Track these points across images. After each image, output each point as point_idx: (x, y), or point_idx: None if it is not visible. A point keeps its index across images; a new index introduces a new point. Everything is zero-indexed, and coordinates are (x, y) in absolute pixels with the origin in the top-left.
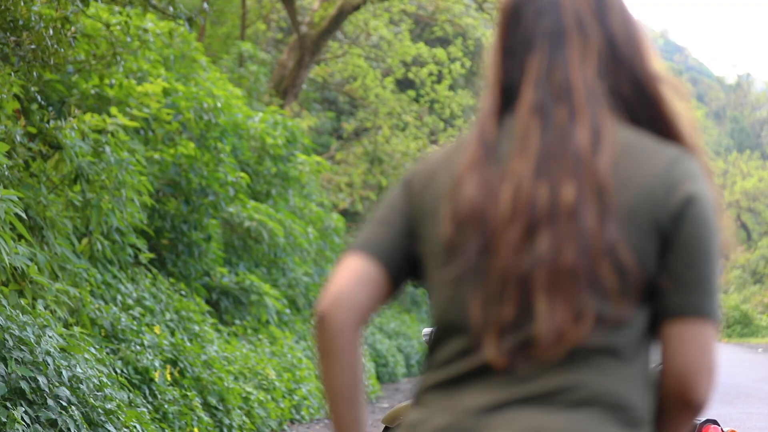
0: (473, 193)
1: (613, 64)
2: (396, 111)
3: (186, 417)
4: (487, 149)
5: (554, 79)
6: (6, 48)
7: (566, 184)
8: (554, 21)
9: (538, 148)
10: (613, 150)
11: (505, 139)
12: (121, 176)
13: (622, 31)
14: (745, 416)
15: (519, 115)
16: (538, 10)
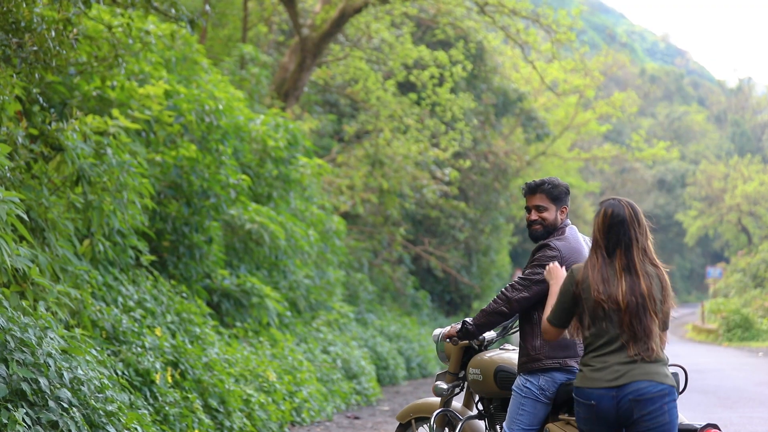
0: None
1: (646, 250)
2: (397, 114)
3: (187, 419)
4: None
5: (630, 259)
6: (8, 50)
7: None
8: (626, 234)
9: (629, 283)
10: (647, 282)
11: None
12: (123, 178)
13: (646, 229)
14: (746, 420)
15: (617, 266)
16: (621, 223)
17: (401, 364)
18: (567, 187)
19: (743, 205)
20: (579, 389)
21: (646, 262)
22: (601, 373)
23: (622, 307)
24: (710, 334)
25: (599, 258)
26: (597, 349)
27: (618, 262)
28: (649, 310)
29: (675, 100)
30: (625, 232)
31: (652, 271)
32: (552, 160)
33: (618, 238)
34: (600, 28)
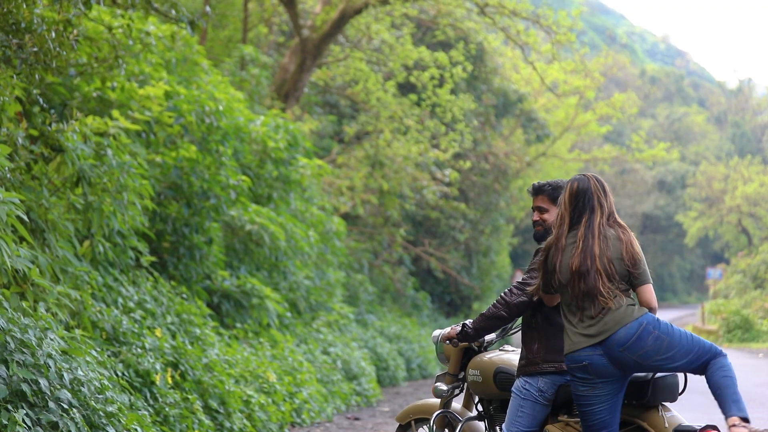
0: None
1: (610, 215)
2: (397, 115)
3: (187, 420)
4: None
5: (592, 226)
6: (8, 51)
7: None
8: (590, 201)
9: (582, 247)
10: (602, 245)
11: (570, 240)
12: (123, 179)
13: (611, 198)
14: None
15: (579, 235)
16: (584, 193)
17: (401, 365)
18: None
19: (743, 207)
20: (569, 356)
21: (611, 225)
22: (581, 337)
23: (573, 272)
24: (710, 335)
25: (561, 232)
26: (571, 315)
27: (581, 230)
28: (598, 269)
29: (675, 101)
30: (589, 199)
31: (612, 234)
32: (552, 161)
33: (583, 206)
34: (600, 29)
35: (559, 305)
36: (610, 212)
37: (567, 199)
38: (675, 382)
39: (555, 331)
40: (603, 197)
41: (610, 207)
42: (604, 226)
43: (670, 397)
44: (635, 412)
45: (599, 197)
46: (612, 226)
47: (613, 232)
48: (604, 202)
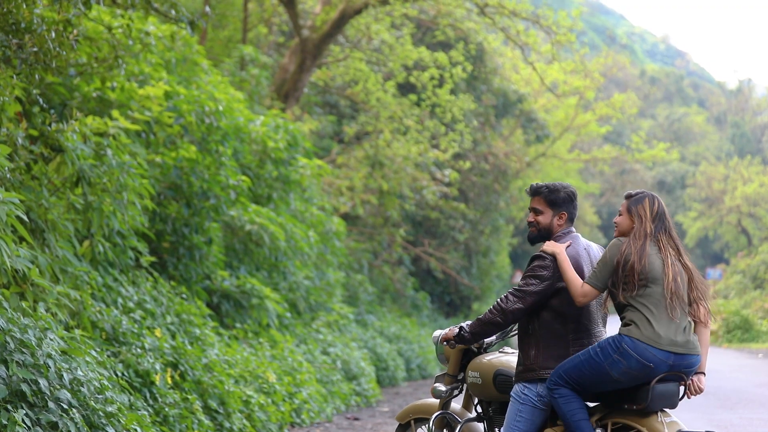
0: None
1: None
2: (397, 115)
3: (186, 420)
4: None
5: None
6: (8, 51)
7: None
8: (665, 220)
9: (670, 261)
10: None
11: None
12: (123, 179)
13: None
14: (746, 422)
15: (661, 249)
16: (664, 214)
17: (401, 366)
18: (569, 194)
19: (743, 207)
20: (638, 343)
21: (681, 254)
22: (668, 340)
23: (667, 273)
24: (710, 336)
25: (642, 240)
26: (647, 306)
27: (661, 243)
28: (683, 283)
29: (675, 101)
30: (664, 220)
31: (687, 263)
32: (552, 161)
33: (660, 224)
34: (600, 30)
35: (562, 312)
36: (678, 241)
37: (648, 213)
38: (675, 389)
39: (552, 338)
40: (670, 223)
41: (671, 229)
42: (675, 250)
43: (670, 403)
44: (635, 417)
45: (669, 221)
46: (684, 256)
47: (686, 261)
48: (672, 227)
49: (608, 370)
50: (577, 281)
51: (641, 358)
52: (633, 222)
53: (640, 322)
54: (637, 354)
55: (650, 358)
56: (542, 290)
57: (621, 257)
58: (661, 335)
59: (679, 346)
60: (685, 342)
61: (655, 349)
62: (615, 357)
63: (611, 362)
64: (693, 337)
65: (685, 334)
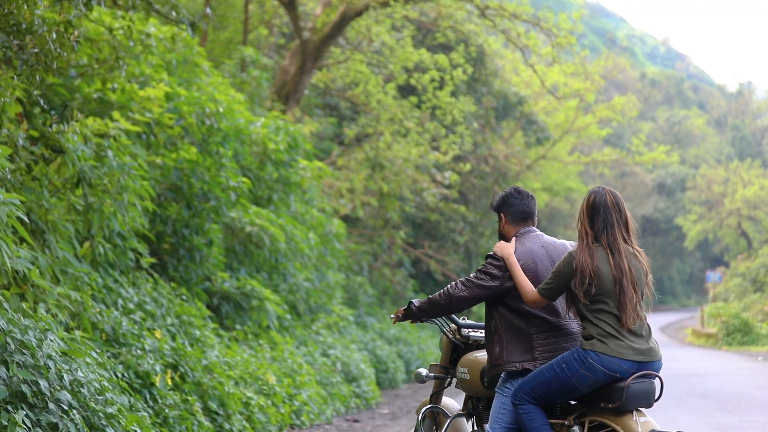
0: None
1: (628, 231)
2: (398, 117)
3: (186, 422)
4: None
5: (612, 240)
6: (9, 51)
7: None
8: (608, 215)
9: (614, 262)
10: (628, 259)
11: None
12: (123, 180)
13: (627, 213)
14: (745, 425)
15: (609, 247)
16: (601, 205)
17: (401, 368)
18: (501, 197)
19: (743, 210)
20: (603, 357)
21: (629, 244)
22: (629, 350)
23: (615, 282)
24: (710, 339)
25: (585, 243)
26: (603, 319)
27: (603, 243)
28: (632, 283)
29: (675, 104)
30: (608, 217)
31: (633, 252)
32: (552, 163)
33: (602, 221)
34: (600, 32)
35: (521, 309)
36: (627, 229)
37: (585, 212)
38: (651, 388)
39: (514, 334)
40: (619, 213)
41: (627, 223)
42: (623, 242)
43: (645, 402)
44: (610, 416)
45: (616, 213)
46: (631, 245)
47: (632, 250)
48: (620, 219)
49: (576, 385)
50: (527, 287)
51: (608, 371)
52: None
53: (602, 336)
54: (603, 367)
55: (616, 369)
56: (490, 287)
57: (575, 269)
58: (624, 346)
59: (643, 354)
60: (648, 350)
61: (621, 360)
62: (582, 372)
63: (579, 377)
64: (653, 342)
65: (645, 341)
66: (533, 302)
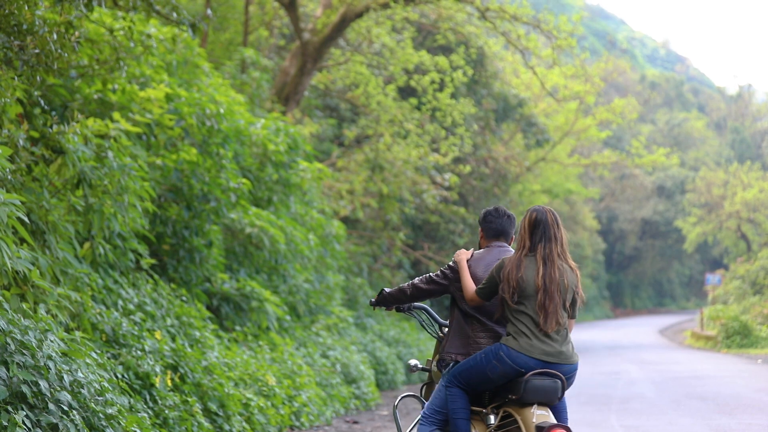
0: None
1: (562, 246)
2: (397, 119)
3: (186, 422)
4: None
5: (548, 252)
6: (9, 52)
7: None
8: (547, 230)
9: (542, 272)
10: (559, 271)
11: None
12: (124, 181)
13: (563, 231)
14: (744, 427)
15: (537, 259)
16: (541, 222)
17: (400, 369)
18: (481, 216)
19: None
20: (514, 352)
21: (563, 258)
22: (539, 350)
23: (539, 289)
24: (709, 341)
25: (518, 253)
26: (526, 321)
27: (538, 254)
28: (556, 292)
29: (675, 106)
30: (546, 229)
31: (566, 267)
32: (552, 165)
33: (540, 235)
34: (600, 34)
35: (480, 307)
36: (562, 244)
37: (527, 227)
38: (553, 386)
39: (459, 332)
40: (557, 230)
41: (563, 240)
42: (558, 255)
43: (546, 399)
44: (516, 407)
45: (554, 230)
46: (565, 259)
47: (566, 265)
48: (557, 234)
49: (488, 374)
50: (469, 287)
51: (513, 364)
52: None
53: (516, 334)
54: (510, 360)
55: (522, 365)
56: (441, 284)
57: (503, 274)
58: (534, 346)
59: (550, 356)
60: (557, 353)
61: (527, 357)
62: (494, 362)
63: (491, 367)
64: (567, 347)
65: (558, 345)
66: (471, 300)
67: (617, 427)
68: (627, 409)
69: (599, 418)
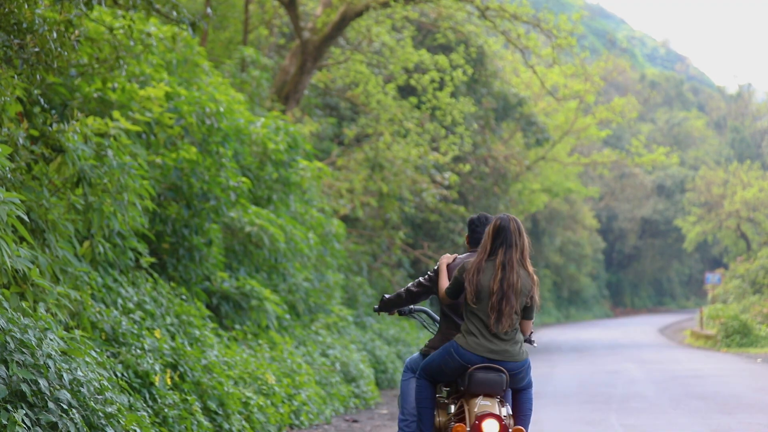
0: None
1: (522, 253)
2: (397, 117)
3: (186, 421)
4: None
5: (508, 258)
6: (9, 51)
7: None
8: (508, 236)
9: (500, 275)
10: (517, 276)
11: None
12: (123, 180)
13: (525, 239)
14: (744, 426)
15: (496, 263)
16: (504, 229)
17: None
18: (468, 221)
19: (742, 212)
20: (462, 350)
21: (523, 265)
22: (484, 348)
23: (494, 292)
24: (709, 340)
25: (480, 257)
26: (476, 321)
27: (498, 259)
28: (509, 296)
29: (675, 105)
30: (507, 236)
31: (524, 273)
32: (551, 164)
33: (502, 241)
34: (600, 34)
35: (453, 306)
36: (522, 251)
37: (490, 233)
38: (497, 379)
39: (441, 329)
40: (519, 237)
41: (524, 247)
42: (517, 261)
43: (491, 390)
44: (467, 397)
45: (516, 237)
46: (524, 266)
47: (524, 271)
48: (519, 242)
49: (443, 367)
50: (443, 285)
51: (461, 360)
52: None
53: (466, 332)
54: (458, 356)
55: (468, 360)
56: (426, 287)
57: (465, 276)
58: (480, 344)
59: (496, 353)
60: (502, 351)
61: (472, 354)
62: (447, 357)
63: (445, 361)
64: (515, 346)
65: (503, 344)
66: (442, 298)
67: (617, 426)
68: (627, 408)
69: (599, 417)
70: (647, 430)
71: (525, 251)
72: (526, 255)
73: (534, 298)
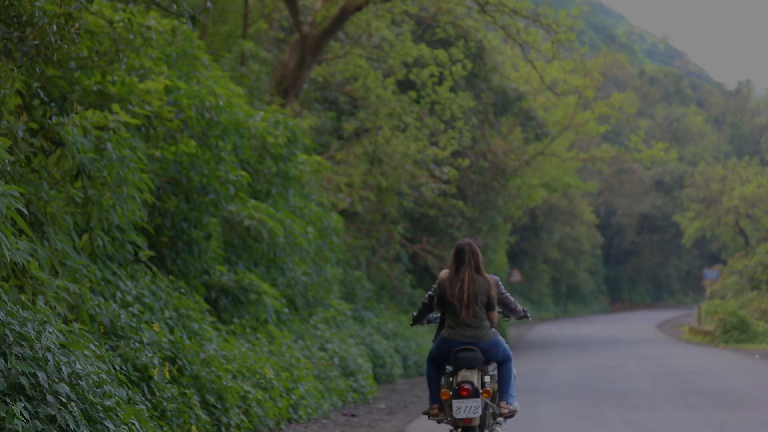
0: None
1: (477, 265)
2: (396, 112)
3: (184, 415)
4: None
5: (466, 271)
6: (9, 43)
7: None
8: (463, 256)
9: (459, 286)
10: (470, 286)
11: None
12: (123, 173)
13: (478, 255)
14: (741, 422)
15: (460, 275)
16: (461, 251)
17: (398, 363)
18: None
19: (741, 208)
20: (447, 338)
21: (479, 274)
22: (458, 335)
23: (457, 296)
24: (707, 336)
25: (450, 272)
26: (451, 319)
27: (459, 274)
28: (466, 300)
29: (674, 101)
30: (464, 257)
31: (480, 279)
32: (550, 160)
33: (461, 260)
34: (599, 29)
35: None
36: (477, 266)
37: (453, 254)
38: (473, 356)
39: (441, 323)
40: (472, 257)
41: (477, 262)
42: (474, 272)
43: (469, 365)
44: (457, 372)
45: (470, 256)
46: (480, 273)
47: (480, 277)
48: (473, 260)
49: (437, 351)
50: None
51: (447, 345)
52: None
53: (448, 326)
54: (444, 343)
55: (452, 345)
56: (429, 297)
57: (440, 287)
58: (456, 332)
59: (469, 338)
60: (473, 335)
61: (452, 340)
62: (440, 344)
63: (439, 347)
64: (483, 331)
65: (472, 330)
66: (435, 306)
67: (615, 421)
68: (625, 403)
69: (597, 412)
70: (645, 425)
71: (479, 263)
72: (481, 265)
73: (491, 295)
